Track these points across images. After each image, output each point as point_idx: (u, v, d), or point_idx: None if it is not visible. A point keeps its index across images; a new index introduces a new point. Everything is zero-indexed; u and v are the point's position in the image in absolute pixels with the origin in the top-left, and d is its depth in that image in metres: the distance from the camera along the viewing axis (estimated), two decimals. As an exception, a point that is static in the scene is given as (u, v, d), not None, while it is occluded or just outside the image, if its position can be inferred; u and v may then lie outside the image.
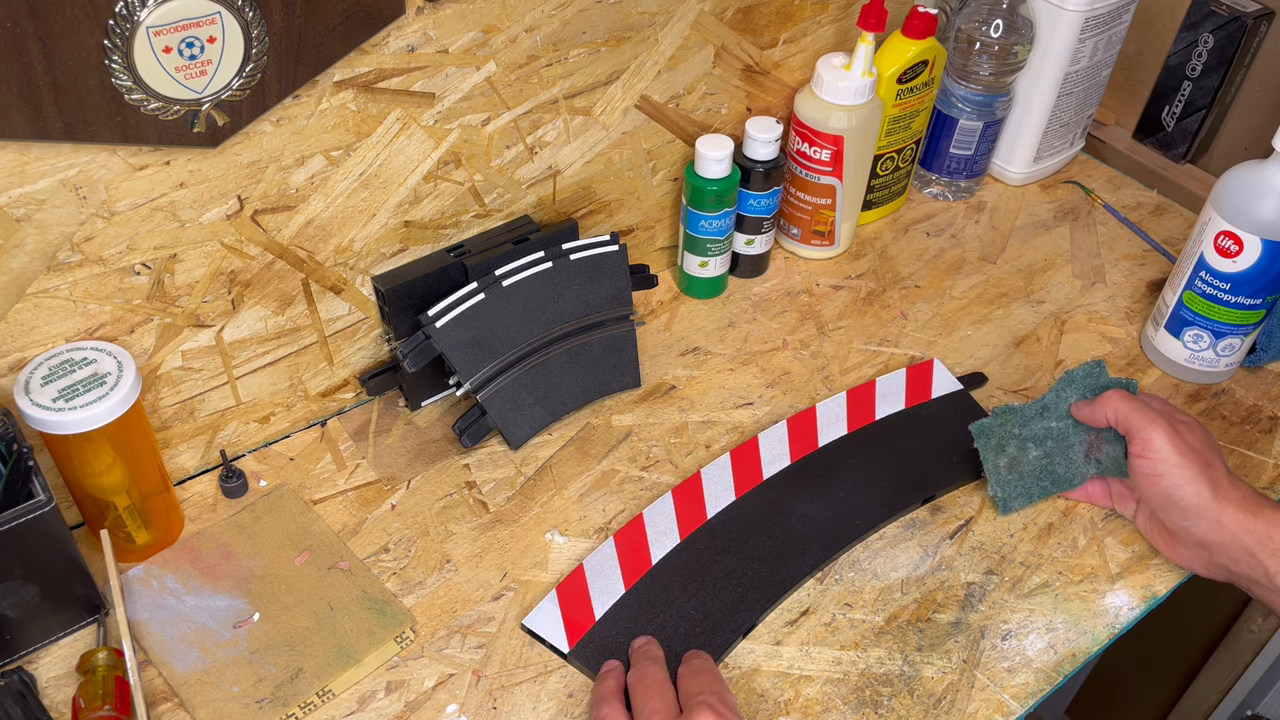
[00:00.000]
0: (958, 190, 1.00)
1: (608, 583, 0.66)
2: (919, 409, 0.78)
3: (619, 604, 0.65)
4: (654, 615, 0.65)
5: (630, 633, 0.64)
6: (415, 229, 0.74)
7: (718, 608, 0.66)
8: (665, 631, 0.64)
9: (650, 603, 0.66)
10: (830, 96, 0.82)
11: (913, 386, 0.80)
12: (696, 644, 0.64)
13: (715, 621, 0.65)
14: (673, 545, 0.69)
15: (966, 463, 0.74)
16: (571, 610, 0.65)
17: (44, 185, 0.57)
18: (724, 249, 0.86)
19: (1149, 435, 0.65)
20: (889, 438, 0.76)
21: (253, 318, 0.70)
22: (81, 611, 0.64)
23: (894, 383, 0.80)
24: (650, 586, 0.67)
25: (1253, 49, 0.93)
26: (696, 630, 0.65)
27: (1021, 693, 0.63)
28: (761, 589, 0.67)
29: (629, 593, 0.66)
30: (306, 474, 0.74)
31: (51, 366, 0.60)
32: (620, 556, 0.67)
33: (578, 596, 0.65)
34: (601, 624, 0.64)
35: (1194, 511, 0.64)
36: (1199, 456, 0.65)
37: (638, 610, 0.65)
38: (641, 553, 0.68)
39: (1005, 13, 0.89)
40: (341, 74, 0.64)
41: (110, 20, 0.53)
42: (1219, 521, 0.64)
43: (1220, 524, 0.64)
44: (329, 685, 0.62)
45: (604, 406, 0.80)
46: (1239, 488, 0.65)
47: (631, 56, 0.76)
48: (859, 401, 0.78)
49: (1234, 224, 0.74)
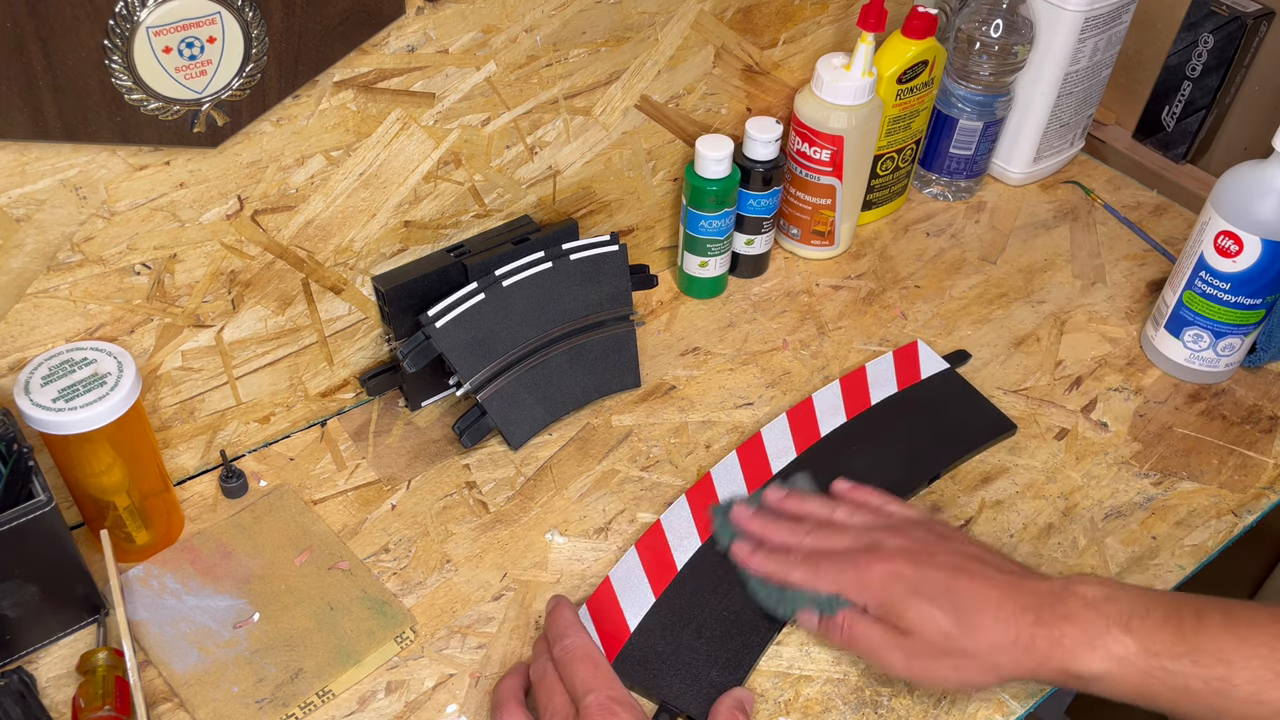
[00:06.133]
0: (958, 190, 0.99)
1: (637, 594, 0.66)
2: (911, 391, 0.79)
3: (651, 613, 0.65)
4: (687, 621, 0.65)
5: (667, 641, 0.64)
6: (415, 229, 0.74)
7: (751, 606, 0.65)
8: (701, 635, 0.64)
9: (682, 609, 0.65)
10: (830, 96, 0.82)
11: (901, 369, 0.80)
12: (734, 645, 0.64)
13: (750, 620, 0.65)
14: (695, 549, 0.68)
15: (965, 442, 0.76)
16: (605, 624, 0.64)
17: (44, 185, 0.57)
18: (724, 249, 0.86)
19: (886, 666, 0.59)
20: (887, 421, 0.77)
21: (253, 318, 0.70)
22: (81, 611, 0.64)
23: (883, 367, 0.80)
24: (680, 592, 0.66)
25: (1253, 49, 0.93)
26: (732, 631, 0.64)
27: (1022, 693, 0.63)
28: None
29: (660, 601, 0.66)
30: (306, 474, 0.74)
31: (51, 367, 0.60)
32: (645, 566, 0.67)
33: (609, 610, 0.65)
34: (638, 635, 0.64)
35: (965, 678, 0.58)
36: (936, 649, 0.57)
37: (670, 617, 0.65)
38: (666, 560, 0.68)
39: (1005, 13, 0.89)
40: (341, 74, 0.64)
41: (110, 20, 0.53)
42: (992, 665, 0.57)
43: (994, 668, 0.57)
44: (329, 685, 0.62)
45: (604, 406, 0.80)
46: (1005, 624, 0.56)
47: (631, 56, 0.76)
48: (853, 388, 0.79)
49: (1234, 224, 0.74)
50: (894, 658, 0.58)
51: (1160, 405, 0.81)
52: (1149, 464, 0.77)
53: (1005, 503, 0.74)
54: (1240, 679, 0.52)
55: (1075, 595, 0.56)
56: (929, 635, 0.57)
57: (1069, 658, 0.54)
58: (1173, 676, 0.53)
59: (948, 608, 0.57)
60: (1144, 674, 0.54)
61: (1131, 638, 0.54)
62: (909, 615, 0.58)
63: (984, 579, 0.58)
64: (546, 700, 0.56)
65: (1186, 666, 0.53)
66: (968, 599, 0.57)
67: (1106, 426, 0.79)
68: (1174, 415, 0.80)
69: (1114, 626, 0.54)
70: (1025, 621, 0.56)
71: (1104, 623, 0.54)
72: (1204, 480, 0.76)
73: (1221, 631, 0.53)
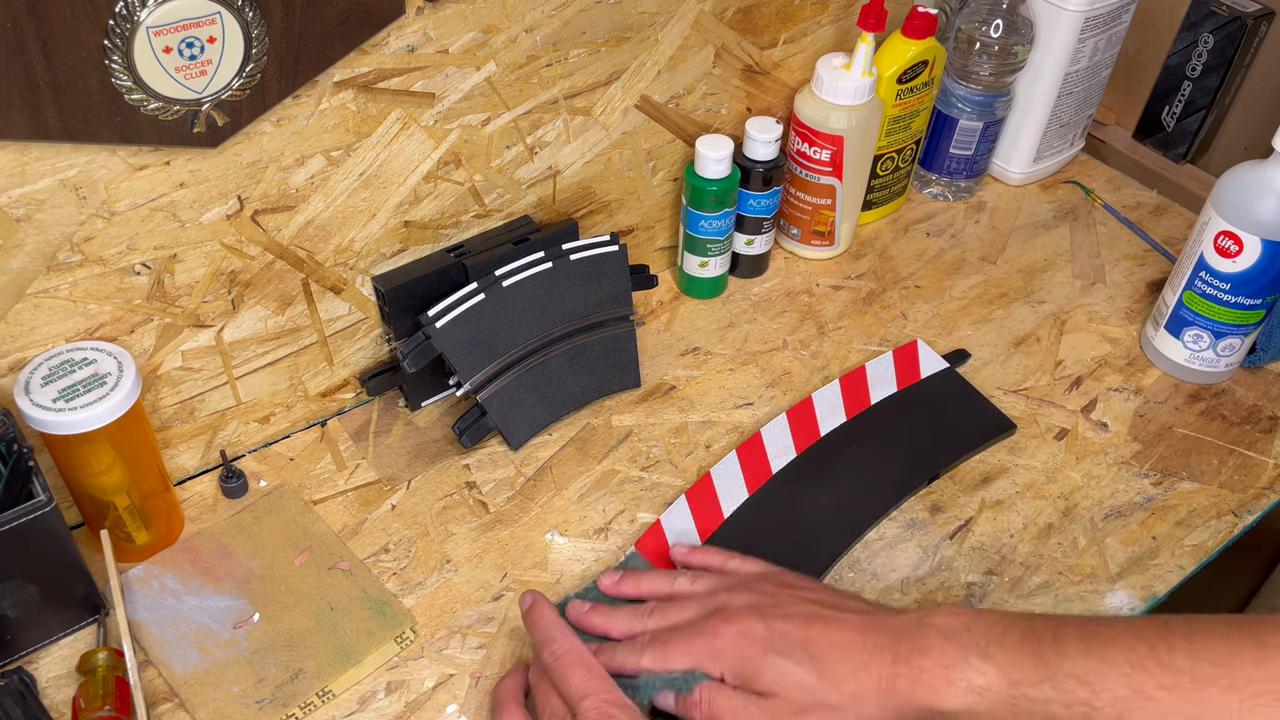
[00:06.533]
0: (958, 190, 1.00)
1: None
2: (911, 391, 0.79)
3: None
4: None
5: None
6: (415, 229, 0.74)
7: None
8: None
9: None
10: (830, 96, 0.82)
11: (901, 369, 0.80)
12: None
13: None
14: None
15: (965, 442, 0.76)
16: None
17: (44, 185, 0.57)
18: (724, 249, 0.86)
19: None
20: (887, 421, 0.77)
21: (253, 318, 0.70)
22: (81, 611, 0.64)
23: (883, 366, 0.80)
24: None
25: (1253, 49, 0.93)
26: None
27: (1021, 693, 0.63)
28: None
29: None
30: (306, 474, 0.74)
31: (51, 367, 0.60)
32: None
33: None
34: None
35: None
36: (799, 707, 0.53)
37: None
38: (666, 560, 0.68)
39: (1005, 13, 0.89)
40: (341, 74, 0.64)
41: (110, 20, 0.53)
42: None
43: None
44: (329, 685, 0.62)
45: (604, 406, 0.80)
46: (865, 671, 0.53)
47: (631, 56, 0.76)
48: (853, 387, 0.79)
49: (1234, 224, 0.74)
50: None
51: (1160, 405, 0.81)
52: (1149, 464, 0.77)
53: (1005, 503, 0.74)
54: (1102, 701, 0.50)
55: (930, 627, 0.54)
56: (790, 694, 0.54)
57: (929, 694, 0.52)
58: (1036, 705, 0.51)
59: (804, 661, 0.54)
60: (1009, 705, 0.51)
61: (991, 665, 0.52)
62: (766, 676, 0.54)
63: (838, 623, 0.55)
64: (544, 702, 0.56)
65: (1048, 693, 0.51)
66: (823, 647, 0.54)
67: (1106, 426, 0.79)
68: (1174, 415, 0.80)
69: (971, 655, 0.52)
70: (884, 662, 0.53)
71: (960, 652, 0.52)
72: (1204, 480, 0.76)
73: (1079, 653, 0.51)
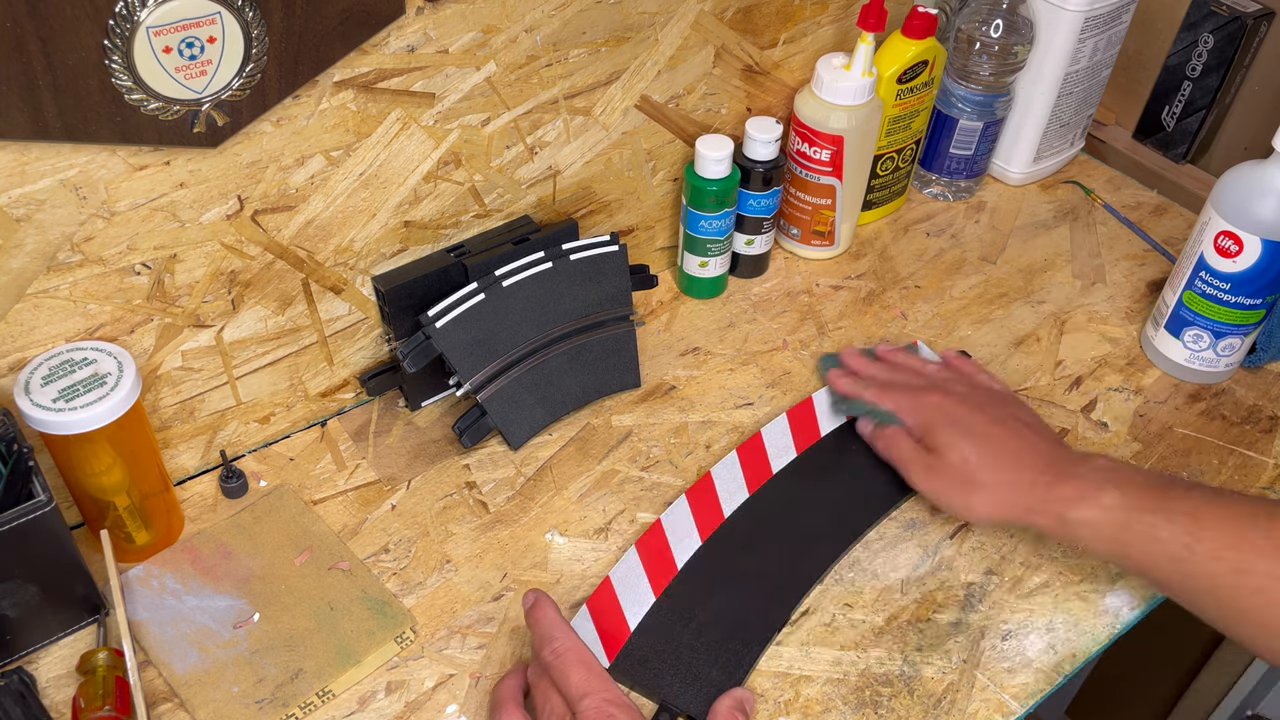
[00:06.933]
0: (958, 190, 1.00)
1: (636, 593, 0.66)
2: None
3: (651, 613, 0.65)
4: (687, 621, 0.65)
5: (667, 641, 0.64)
6: (415, 229, 0.74)
7: (751, 606, 0.66)
8: (702, 635, 0.64)
9: (682, 608, 0.65)
10: (830, 96, 0.82)
11: None
12: (734, 645, 0.64)
13: (750, 619, 0.65)
14: (695, 548, 0.68)
15: None
16: (605, 623, 0.64)
17: (44, 185, 0.57)
18: (724, 249, 0.86)
19: (908, 477, 0.70)
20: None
21: (253, 318, 0.70)
22: (81, 611, 0.64)
23: None
24: (680, 592, 0.66)
25: (1253, 49, 0.93)
26: (732, 631, 0.64)
27: (1022, 693, 0.63)
28: (790, 582, 0.67)
29: (660, 600, 0.66)
30: (306, 474, 0.74)
31: (51, 367, 0.60)
32: (645, 565, 0.67)
33: (609, 609, 0.65)
34: (637, 635, 0.64)
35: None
36: (954, 473, 0.67)
37: (671, 617, 0.65)
38: (666, 559, 0.68)
39: (1005, 13, 0.89)
40: (341, 74, 0.64)
41: (110, 20, 0.53)
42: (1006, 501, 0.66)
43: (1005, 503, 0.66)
44: (329, 685, 0.62)
45: (604, 406, 0.80)
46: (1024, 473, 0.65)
47: (631, 56, 0.76)
48: None
49: (1234, 224, 0.74)
50: (916, 470, 0.69)
51: (1160, 405, 0.81)
52: (1149, 464, 0.77)
53: (1005, 503, 0.74)
54: (1205, 534, 0.58)
55: (1087, 462, 0.65)
56: (951, 460, 0.67)
57: (1063, 504, 0.63)
58: (1146, 526, 0.60)
59: (977, 443, 0.67)
60: (1121, 525, 0.61)
61: (1119, 491, 0.62)
62: (939, 439, 0.68)
63: (1019, 436, 0.67)
64: (544, 701, 0.56)
65: (1160, 519, 0.60)
66: (997, 443, 0.67)
67: (1107, 426, 0.79)
68: (1174, 415, 0.80)
69: (1108, 485, 0.62)
70: (1038, 468, 0.65)
71: (1101, 480, 0.63)
72: (1204, 480, 0.76)
73: (1199, 499, 0.60)
